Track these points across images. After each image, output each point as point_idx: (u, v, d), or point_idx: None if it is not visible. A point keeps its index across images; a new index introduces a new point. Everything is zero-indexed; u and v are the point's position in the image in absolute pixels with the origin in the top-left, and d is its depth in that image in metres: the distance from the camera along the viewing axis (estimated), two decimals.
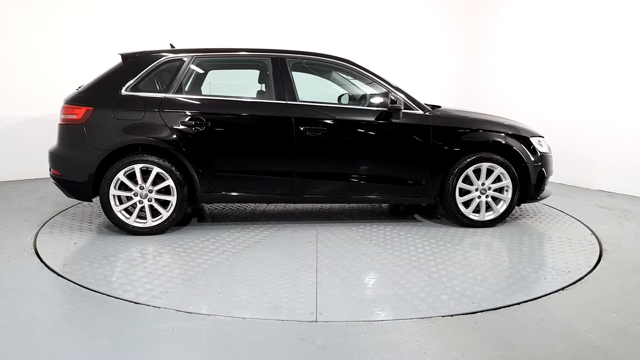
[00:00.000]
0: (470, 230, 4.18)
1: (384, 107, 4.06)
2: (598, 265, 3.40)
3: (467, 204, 4.22)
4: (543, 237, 4.02)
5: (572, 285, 3.02)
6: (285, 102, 3.95)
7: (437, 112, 4.26)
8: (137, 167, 3.75)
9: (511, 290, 2.91)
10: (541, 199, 4.40)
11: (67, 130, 3.82)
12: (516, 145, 4.22)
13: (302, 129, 3.91)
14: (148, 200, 3.81)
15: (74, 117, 3.74)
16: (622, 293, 2.95)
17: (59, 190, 4.02)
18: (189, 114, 3.82)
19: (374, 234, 4.05)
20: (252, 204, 4.92)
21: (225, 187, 3.93)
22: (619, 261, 3.51)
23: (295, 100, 3.98)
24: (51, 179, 3.99)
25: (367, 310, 2.64)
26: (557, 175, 6.73)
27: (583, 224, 4.48)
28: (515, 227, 4.34)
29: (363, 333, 2.37)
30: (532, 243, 3.86)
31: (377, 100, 4.18)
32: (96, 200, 3.90)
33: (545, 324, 2.50)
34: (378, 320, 2.51)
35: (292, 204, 4.92)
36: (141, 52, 3.97)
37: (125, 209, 3.84)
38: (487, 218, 4.25)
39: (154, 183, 3.80)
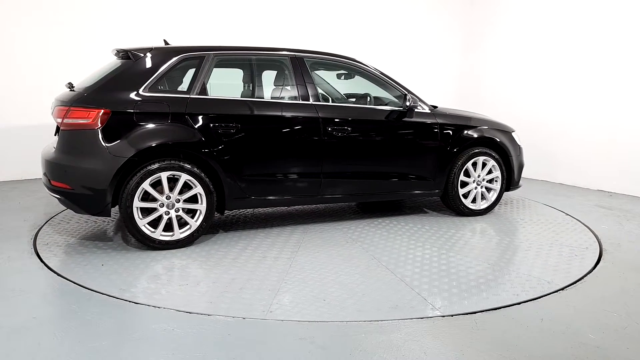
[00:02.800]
0: (471, 218, 4.57)
1: (401, 107, 4.23)
2: (598, 265, 3.40)
3: (464, 195, 4.56)
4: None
5: (572, 285, 3.02)
6: (310, 102, 3.92)
7: (439, 110, 4.50)
8: (164, 175, 3.39)
9: (561, 272, 2.93)
10: (518, 187, 4.89)
11: (77, 136, 3.37)
12: (504, 140, 4.67)
13: (329, 129, 3.91)
14: (175, 211, 3.47)
15: (86, 121, 3.30)
16: (622, 293, 2.95)
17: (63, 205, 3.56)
18: (218, 115, 3.57)
19: (401, 229, 4.17)
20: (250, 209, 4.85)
21: (255, 192, 3.76)
22: (619, 261, 3.51)
23: (319, 100, 3.98)
24: (52, 194, 3.50)
25: (483, 300, 2.78)
26: (557, 175, 6.75)
27: (583, 224, 4.48)
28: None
29: (363, 333, 2.37)
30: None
31: (390, 99, 4.36)
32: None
33: (545, 324, 2.50)
34: (378, 320, 2.51)
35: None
36: (155, 49, 3.67)
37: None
38: (482, 207, 4.64)
39: (179, 191, 3.47)
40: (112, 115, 3.32)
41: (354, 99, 4.60)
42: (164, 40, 4.11)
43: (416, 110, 4.27)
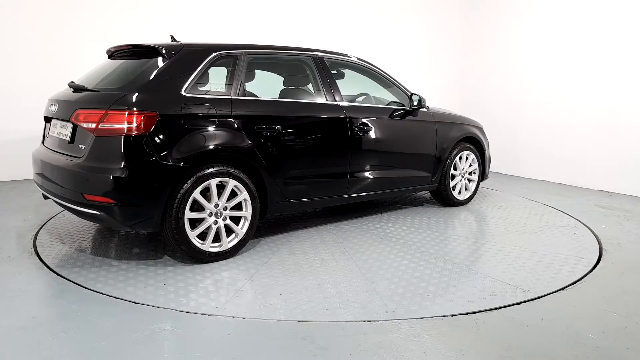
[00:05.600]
0: (465, 209, 4.85)
1: (407, 106, 4.49)
2: (598, 265, 3.40)
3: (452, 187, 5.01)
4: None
5: (572, 285, 3.02)
6: (336, 102, 3.97)
7: (433, 110, 4.81)
8: (213, 182, 3.18)
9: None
10: (487, 178, 5.43)
11: (118, 143, 2.94)
12: (480, 135, 5.16)
13: (355, 129, 3.99)
14: (223, 219, 3.28)
15: (131, 125, 2.94)
16: (622, 293, 2.95)
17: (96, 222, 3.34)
18: (261, 117, 3.45)
19: (414, 222, 4.42)
20: None
21: (293, 195, 3.70)
22: (619, 261, 3.51)
23: (342, 101, 4.03)
24: (82, 210, 3.07)
25: (554, 282, 3.07)
26: (557, 175, 6.75)
27: (583, 224, 4.49)
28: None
29: (363, 333, 2.37)
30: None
31: (397, 98, 4.57)
32: None
33: (545, 324, 2.50)
34: (378, 320, 2.51)
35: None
36: (187, 45, 3.42)
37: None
38: (465, 197, 5.13)
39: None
40: (160, 119, 3.02)
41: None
42: (171, 37, 3.95)
43: (420, 110, 4.56)
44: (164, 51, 3.30)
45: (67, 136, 3.26)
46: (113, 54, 3.76)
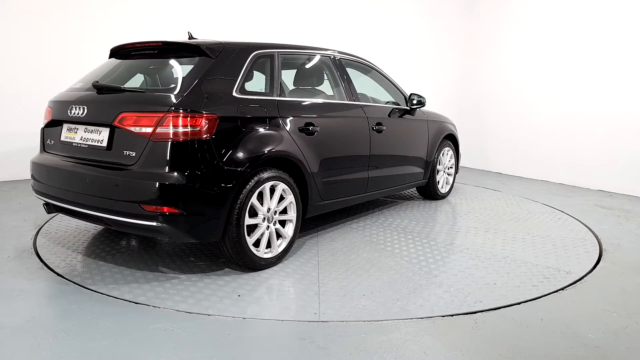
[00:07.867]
0: (452, 203, 4.82)
1: (405, 104, 4.64)
2: (598, 265, 3.41)
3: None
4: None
5: (572, 285, 3.03)
6: (356, 102, 4.05)
7: (423, 109, 5.03)
8: (267, 186, 3.07)
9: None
10: (458, 172, 5.74)
11: (182, 147, 2.73)
12: (455, 132, 5.47)
13: (373, 128, 4.10)
14: (273, 224, 3.19)
15: (193, 129, 2.75)
16: (622, 293, 2.95)
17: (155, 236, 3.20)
18: (303, 119, 3.43)
19: (425, 216, 4.65)
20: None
21: (327, 195, 3.68)
22: (619, 261, 3.52)
23: (359, 101, 4.11)
24: (139, 223, 2.77)
25: (582, 262, 3.41)
26: (557, 175, 6.75)
27: (583, 224, 4.49)
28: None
29: (363, 333, 2.37)
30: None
31: (392, 97, 4.69)
32: None
33: (545, 324, 2.50)
34: (378, 320, 2.51)
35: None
36: (227, 44, 3.23)
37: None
38: (446, 190, 5.45)
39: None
40: (220, 122, 2.87)
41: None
42: (189, 34, 3.75)
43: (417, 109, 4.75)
44: (208, 50, 3.08)
45: (102, 142, 2.92)
46: (121, 51, 3.51)
